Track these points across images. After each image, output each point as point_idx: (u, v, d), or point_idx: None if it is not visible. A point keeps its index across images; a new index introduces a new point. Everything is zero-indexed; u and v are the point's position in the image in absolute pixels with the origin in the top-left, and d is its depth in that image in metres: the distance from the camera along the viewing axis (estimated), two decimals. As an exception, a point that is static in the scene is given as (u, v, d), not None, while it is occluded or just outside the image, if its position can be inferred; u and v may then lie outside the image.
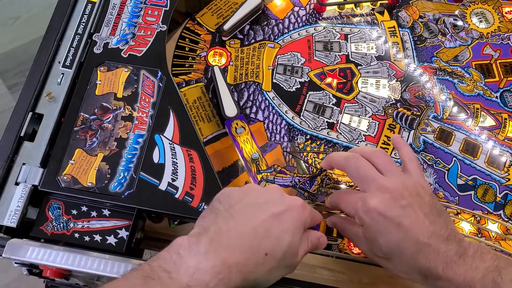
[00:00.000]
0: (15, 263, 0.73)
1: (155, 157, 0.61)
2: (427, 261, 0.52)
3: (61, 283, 0.88)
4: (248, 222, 0.50)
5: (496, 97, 0.74)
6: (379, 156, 0.57)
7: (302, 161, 0.67)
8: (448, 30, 0.79)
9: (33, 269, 0.79)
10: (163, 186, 0.59)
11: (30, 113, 0.62)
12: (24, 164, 0.60)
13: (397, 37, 0.78)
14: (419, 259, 0.53)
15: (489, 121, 0.73)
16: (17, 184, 0.59)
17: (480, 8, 0.81)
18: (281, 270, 0.52)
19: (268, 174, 0.65)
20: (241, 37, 0.77)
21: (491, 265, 0.50)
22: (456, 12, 0.81)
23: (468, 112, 0.73)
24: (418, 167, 0.57)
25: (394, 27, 0.79)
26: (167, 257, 0.46)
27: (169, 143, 0.61)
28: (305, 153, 0.68)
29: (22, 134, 0.61)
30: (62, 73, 0.65)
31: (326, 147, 0.69)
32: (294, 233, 0.51)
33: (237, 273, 0.47)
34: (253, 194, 0.52)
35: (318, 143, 0.69)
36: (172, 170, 0.60)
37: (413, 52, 0.77)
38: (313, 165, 0.67)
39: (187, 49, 0.76)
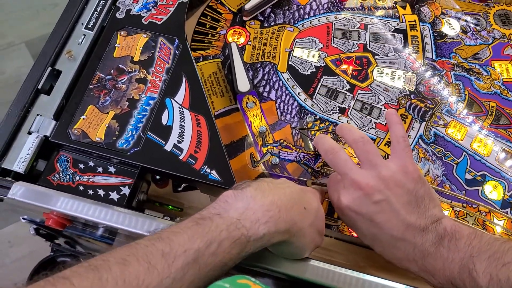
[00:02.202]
0: (23, 219, 0.75)
1: (164, 119, 0.62)
2: (405, 255, 0.53)
3: (66, 249, 0.90)
4: (283, 184, 0.52)
5: (514, 97, 0.73)
6: (358, 147, 0.56)
7: (309, 140, 0.67)
8: (470, 28, 0.78)
9: (40, 229, 0.81)
10: (168, 147, 0.60)
11: (49, 68, 0.64)
12: (38, 115, 0.62)
13: (417, 31, 0.78)
14: (396, 253, 0.53)
15: (504, 120, 0.72)
16: (29, 133, 0.61)
17: (504, 9, 0.81)
18: (315, 234, 0.53)
19: (274, 147, 0.65)
20: (262, 19, 0.78)
21: (464, 255, 0.49)
22: (480, 13, 0.80)
23: (483, 109, 0.72)
24: (404, 149, 0.55)
25: (415, 21, 0.79)
26: (216, 205, 0.47)
27: (179, 107, 0.63)
28: (313, 132, 0.68)
29: (39, 87, 0.63)
30: (84, 35, 0.67)
31: (334, 127, 0.69)
32: (318, 202, 0.55)
33: (285, 214, 0.47)
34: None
35: (327, 123, 0.69)
36: (179, 132, 0.61)
37: (432, 47, 0.77)
38: (320, 144, 0.67)
39: (207, 26, 0.77)
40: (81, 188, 0.60)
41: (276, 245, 0.49)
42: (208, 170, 0.59)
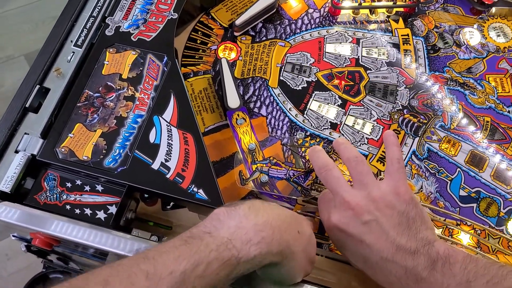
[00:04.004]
0: (13, 236, 0.75)
1: (152, 137, 0.61)
2: (397, 279, 0.51)
3: (59, 265, 0.89)
4: (277, 206, 0.51)
5: (508, 111, 0.72)
6: (351, 166, 0.56)
7: (299, 157, 0.66)
8: (463, 42, 0.77)
9: (31, 246, 0.80)
10: (155, 165, 0.60)
11: (38, 86, 0.64)
12: (26, 133, 0.62)
13: (410, 45, 0.77)
14: (388, 276, 0.52)
15: (498, 135, 0.71)
16: (16, 152, 0.61)
17: (499, 22, 0.80)
18: (306, 261, 0.52)
19: (263, 165, 0.64)
20: (253, 34, 0.78)
21: (461, 280, 0.47)
22: (475, 26, 0.79)
23: (477, 124, 0.71)
24: (397, 171, 0.55)
25: (408, 35, 0.78)
26: (207, 223, 0.46)
27: (167, 124, 0.62)
28: (303, 149, 0.67)
29: (27, 105, 0.63)
30: (73, 52, 0.67)
31: (325, 144, 0.68)
32: (311, 230, 0.54)
33: (279, 235, 0.46)
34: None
35: (317, 140, 0.68)
36: (167, 150, 0.60)
37: (425, 61, 0.76)
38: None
39: (198, 41, 0.77)
40: (68, 207, 0.59)
41: (265, 268, 0.47)
42: (195, 189, 0.58)
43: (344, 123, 0.70)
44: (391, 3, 0.78)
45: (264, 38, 0.77)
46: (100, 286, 0.38)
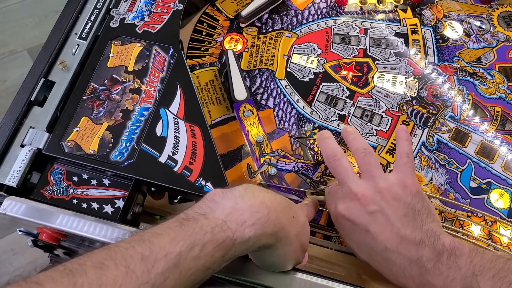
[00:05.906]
0: (19, 231, 0.74)
1: (158, 130, 0.61)
2: (401, 270, 0.51)
3: (66, 260, 0.88)
4: (271, 190, 0.50)
5: (519, 101, 0.71)
6: (359, 157, 0.56)
7: (308, 149, 0.66)
8: (473, 31, 0.76)
9: (38, 241, 0.80)
10: (163, 158, 0.59)
11: (42, 80, 0.63)
12: (31, 127, 0.61)
13: (418, 34, 0.76)
14: (392, 268, 0.52)
15: (509, 125, 0.70)
16: (22, 146, 0.60)
17: (508, 11, 0.79)
18: (299, 247, 0.51)
19: (271, 157, 0.64)
20: (259, 25, 0.77)
21: (467, 273, 0.47)
22: (484, 15, 0.78)
23: (488, 114, 0.70)
24: (405, 164, 0.55)
25: (416, 24, 0.77)
26: (202, 204, 0.45)
27: (174, 117, 0.61)
28: (311, 141, 0.66)
29: (32, 99, 0.62)
30: (78, 44, 0.66)
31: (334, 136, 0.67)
32: (305, 217, 0.53)
33: (274, 216, 0.46)
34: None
35: (326, 132, 0.68)
36: (174, 144, 0.60)
37: (434, 51, 0.75)
38: (319, 153, 0.65)
39: (204, 33, 0.76)
40: (75, 201, 0.59)
41: (259, 251, 0.47)
42: (203, 182, 0.58)
43: (353, 115, 0.69)
44: (398, -7, 0.77)
45: (270, 29, 0.76)
46: (96, 269, 0.37)
